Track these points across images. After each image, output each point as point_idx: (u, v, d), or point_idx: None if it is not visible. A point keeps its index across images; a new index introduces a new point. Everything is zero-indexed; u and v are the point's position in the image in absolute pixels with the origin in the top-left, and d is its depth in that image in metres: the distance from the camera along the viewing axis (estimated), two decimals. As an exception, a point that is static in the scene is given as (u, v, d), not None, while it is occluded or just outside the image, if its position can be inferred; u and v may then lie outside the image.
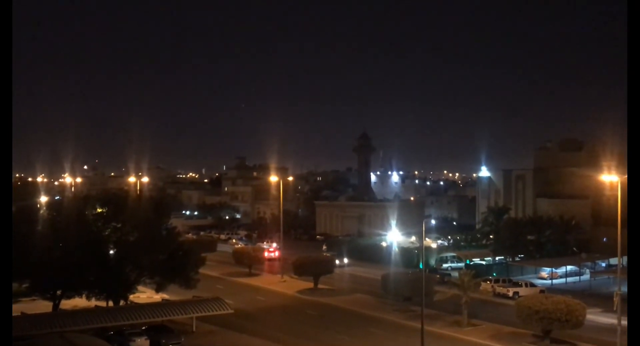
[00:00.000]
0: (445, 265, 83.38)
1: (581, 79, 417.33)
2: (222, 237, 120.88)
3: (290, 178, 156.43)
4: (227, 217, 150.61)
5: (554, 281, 73.82)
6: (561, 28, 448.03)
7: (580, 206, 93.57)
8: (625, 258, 72.87)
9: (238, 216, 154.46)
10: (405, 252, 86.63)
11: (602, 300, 58.53)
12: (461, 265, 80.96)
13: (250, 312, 59.13)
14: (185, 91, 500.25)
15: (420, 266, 72.51)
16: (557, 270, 76.18)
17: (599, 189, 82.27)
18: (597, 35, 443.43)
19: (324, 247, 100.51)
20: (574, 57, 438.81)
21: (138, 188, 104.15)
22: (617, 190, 55.71)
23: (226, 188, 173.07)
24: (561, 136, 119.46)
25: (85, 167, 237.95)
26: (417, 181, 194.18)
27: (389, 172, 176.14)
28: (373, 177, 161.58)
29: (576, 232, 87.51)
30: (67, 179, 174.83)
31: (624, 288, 59.94)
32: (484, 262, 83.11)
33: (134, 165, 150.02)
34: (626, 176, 78.61)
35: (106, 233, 54.04)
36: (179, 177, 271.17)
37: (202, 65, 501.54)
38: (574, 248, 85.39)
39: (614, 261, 72.58)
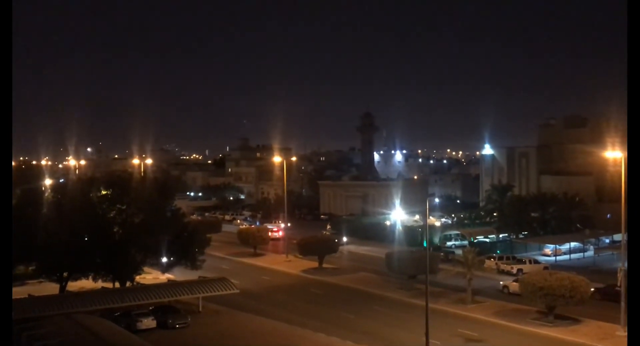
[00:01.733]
0: (449, 243, 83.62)
1: (585, 56, 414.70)
2: (227, 217, 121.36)
3: (294, 159, 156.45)
4: (231, 198, 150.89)
5: (558, 258, 74.08)
6: (565, 4, 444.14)
7: (584, 182, 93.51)
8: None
9: (242, 197, 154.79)
10: (409, 230, 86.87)
11: (606, 276, 58.81)
12: (465, 243, 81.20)
13: (256, 292, 59.54)
14: (188, 73, 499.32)
15: (424, 244, 72.69)
16: (561, 247, 76.40)
17: (602, 165, 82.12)
18: (601, 12, 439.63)
19: (328, 227, 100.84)
20: (578, 33, 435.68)
21: (142, 170, 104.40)
22: (621, 166, 55.67)
23: (230, 169, 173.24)
24: (565, 113, 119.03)
25: (89, 149, 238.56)
26: (420, 160, 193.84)
27: (392, 151, 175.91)
28: (376, 156, 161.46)
29: (580, 208, 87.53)
30: (72, 162, 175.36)
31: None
32: (487, 240, 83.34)
33: (138, 147, 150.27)
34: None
35: (111, 215, 54.34)
36: (183, 159, 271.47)
37: (206, 47, 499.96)
38: (578, 225, 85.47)
39: (617, 237, 72.69)
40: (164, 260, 55.07)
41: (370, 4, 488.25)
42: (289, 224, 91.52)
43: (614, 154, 65.33)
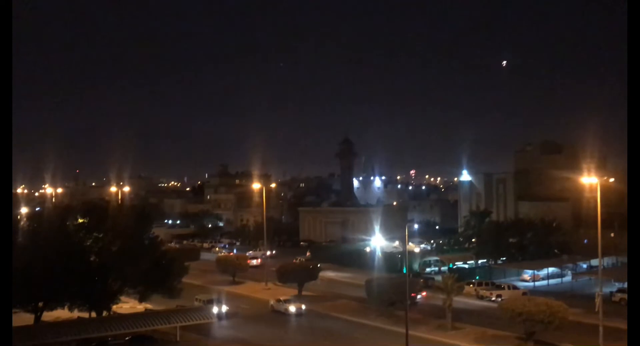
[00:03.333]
0: (428, 269, 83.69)
1: (560, 82, 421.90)
2: (205, 245, 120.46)
3: (273, 185, 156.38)
4: (209, 225, 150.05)
5: (536, 283, 74.41)
6: (541, 32, 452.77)
7: (561, 208, 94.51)
8: (605, 259, 73.82)
9: (221, 224, 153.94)
10: (388, 256, 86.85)
11: (584, 301, 59.14)
12: (444, 268, 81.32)
13: (235, 320, 58.93)
14: (167, 99, 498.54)
15: (404, 270, 72.76)
16: (539, 272, 76.81)
17: (579, 191, 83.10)
18: (577, 39, 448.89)
19: (308, 253, 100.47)
20: (554, 60, 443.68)
21: (119, 197, 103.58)
22: (597, 192, 56.40)
23: (209, 196, 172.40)
24: (541, 139, 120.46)
25: (66, 177, 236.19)
26: (399, 186, 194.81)
27: (372, 177, 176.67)
28: (356, 183, 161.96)
29: (557, 233, 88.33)
30: (48, 190, 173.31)
31: (605, 289, 60.69)
32: (466, 266, 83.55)
33: (116, 174, 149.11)
34: (605, 178, 79.64)
35: (88, 243, 53.66)
36: (161, 186, 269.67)
37: (184, 72, 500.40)
38: (556, 250, 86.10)
39: (595, 262, 73.26)
40: (141, 288, 54.35)
41: (350, 31, 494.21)
42: (268, 252, 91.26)
43: (590, 180, 66.26)
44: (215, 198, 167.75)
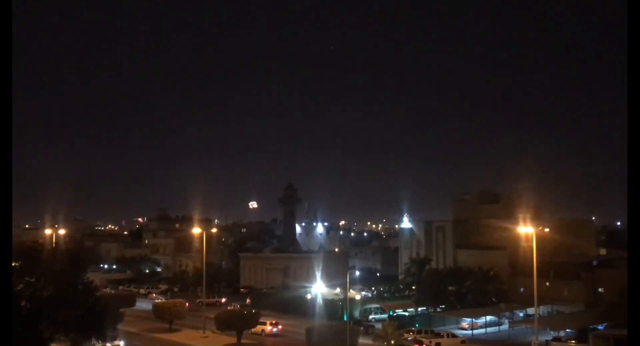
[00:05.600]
0: (369, 317, 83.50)
1: (497, 131, 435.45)
2: (142, 291, 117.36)
3: (214, 230, 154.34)
4: (147, 271, 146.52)
5: (475, 331, 75.17)
6: (482, 79, 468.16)
7: (498, 256, 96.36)
8: (541, 308, 75.40)
9: (159, 269, 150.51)
10: (329, 303, 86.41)
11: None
12: (385, 316, 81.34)
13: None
14: (106, 141, 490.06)
15: (345, 318, 72.47)
16: (477, 320, 77.68)
17: (515, 240, 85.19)
18: (510, 86, 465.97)
19: (248, 300, 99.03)
20: (493, 113, 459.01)
21: (54, 240, 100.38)
22: (533, 241, 58.00)
23: (147, 241, 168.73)
24: (479, 188, 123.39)
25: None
26: (341, 232, 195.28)
27: (314, 223, 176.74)
28: (298, 228, 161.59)
29: (495, 282, 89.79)
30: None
31: (541, 338, 61.85)
32: (407, 313, 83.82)
33: (51, 216, 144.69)
34: (541, 228, 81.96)
35: (19, 288, 51.53)
36: (98, 229, 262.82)
37: (123, 112, 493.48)
38: (493, 298, 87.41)
39: (531, 310, 74.71)
40: (74, 335, 52.30)
41: (292, 75, 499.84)
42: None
43: (526, 229, 68.18)
44: (153, 243, 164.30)
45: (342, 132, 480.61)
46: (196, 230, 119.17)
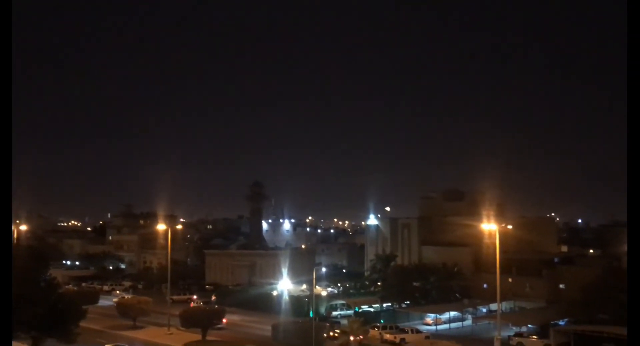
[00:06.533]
0: (335, 313, 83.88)
1: (467, 130, 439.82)
2: (106, 288, 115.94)
3: (180, 227, 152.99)
4: (111, 267, 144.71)
5: (439, 327, 76.09)
6: (453, 80, 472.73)
7: (462, 253, 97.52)
8: (503, 304, 76.64)
9: (123, 266, 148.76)
10: (295, 300, 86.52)
11: (484, 345, 60.93)
12: (350, 312, 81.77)
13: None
14: (70, 134, 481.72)
15: (311, 314, 72.69)
16: (441, 316, 78.63)
17: (479, 237, 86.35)
18: (490, 91, 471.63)
19: (214, 297, 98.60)
20: (461, 110, 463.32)
21: (15, 237, 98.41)
22: (496, 238, 58.90)
23: (111, 237, 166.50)
24: (445, 186, 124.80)
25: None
26: (308, 229, 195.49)
27: (281, 220, 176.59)
28: (265, 225, 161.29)
29: (459, 278, 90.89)
30: None
31: (503, 333, 62.89)
32: (372, 309, 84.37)
33: (12, 212, 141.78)
34: (504, 225, 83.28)
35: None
36: (61, 225, 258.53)
37: (88, 109, 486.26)
38: (457, 295, 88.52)
39: (494, 306, 75.89)
40: (35, 333, 51.48)
41: (263, 72, 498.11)
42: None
43: (490, 226, 69.22)
44: (117, 239, 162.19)
45: (311, 129, 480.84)
46: (161, 227, 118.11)
